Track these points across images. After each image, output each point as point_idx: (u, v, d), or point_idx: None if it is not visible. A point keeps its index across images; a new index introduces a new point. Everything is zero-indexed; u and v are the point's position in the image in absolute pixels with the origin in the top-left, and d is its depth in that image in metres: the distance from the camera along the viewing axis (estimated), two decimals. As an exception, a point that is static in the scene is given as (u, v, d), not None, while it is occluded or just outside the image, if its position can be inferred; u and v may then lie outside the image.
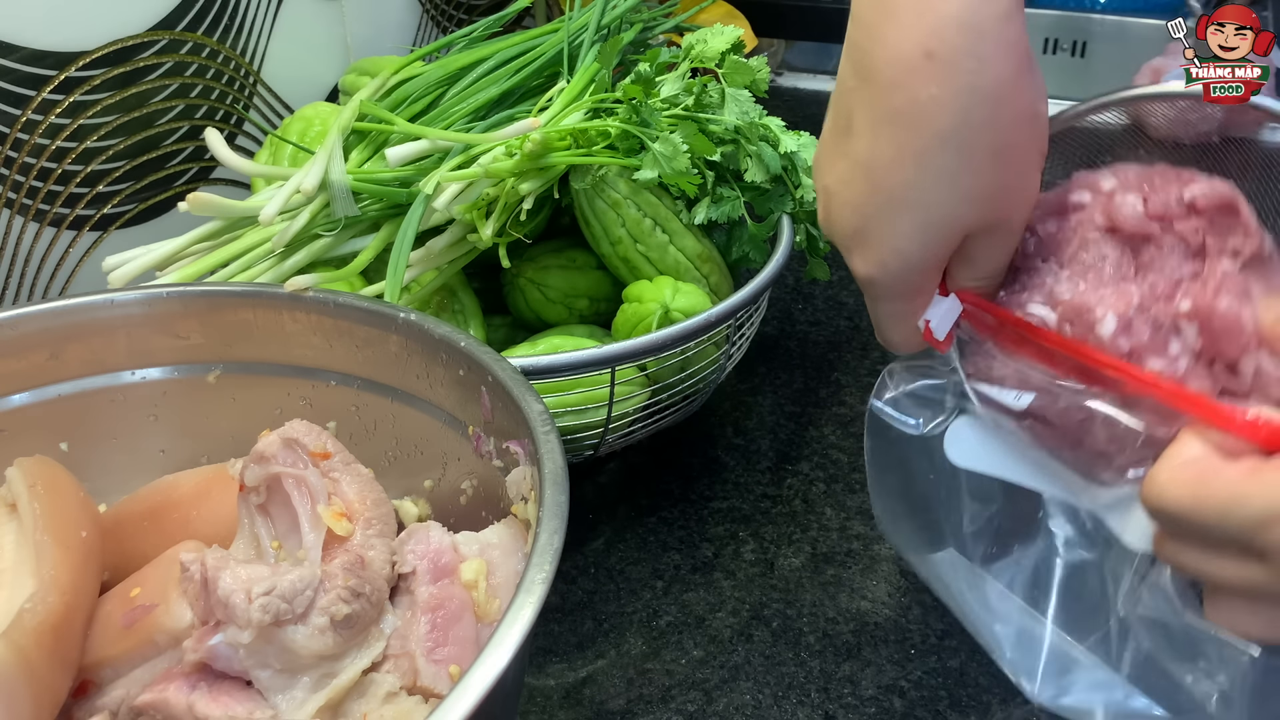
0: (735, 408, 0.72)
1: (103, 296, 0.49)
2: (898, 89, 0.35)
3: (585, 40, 0.70)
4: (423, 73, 0.70)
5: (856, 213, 0.38)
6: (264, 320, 0.50)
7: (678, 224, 0.64)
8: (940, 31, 0.34)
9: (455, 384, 0.46)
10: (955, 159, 0.35)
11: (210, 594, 0.37)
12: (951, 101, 0.34)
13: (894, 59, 0.35)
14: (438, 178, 0.58)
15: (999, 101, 0.35)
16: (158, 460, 0.51)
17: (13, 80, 0.63)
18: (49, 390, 0.49)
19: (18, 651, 0.36)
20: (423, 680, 0.39)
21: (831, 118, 0.40)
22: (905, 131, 0.36)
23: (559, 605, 0.57)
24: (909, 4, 0.35)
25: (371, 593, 0.39)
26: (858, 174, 0.38)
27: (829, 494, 0.64)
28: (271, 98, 0.83)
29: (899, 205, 0.37)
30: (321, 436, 0.44)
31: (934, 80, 0.34)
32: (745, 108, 0.64)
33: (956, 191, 0.36)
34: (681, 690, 0.52)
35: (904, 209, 0.37)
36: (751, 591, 0.57)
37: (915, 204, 0.37)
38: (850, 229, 0.39)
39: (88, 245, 0.70)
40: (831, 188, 0.40)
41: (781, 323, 0.81)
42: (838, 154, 0.39)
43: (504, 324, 0.70)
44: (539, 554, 0.34)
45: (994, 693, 0.51)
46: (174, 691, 0.38)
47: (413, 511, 0.48)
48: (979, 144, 0.35)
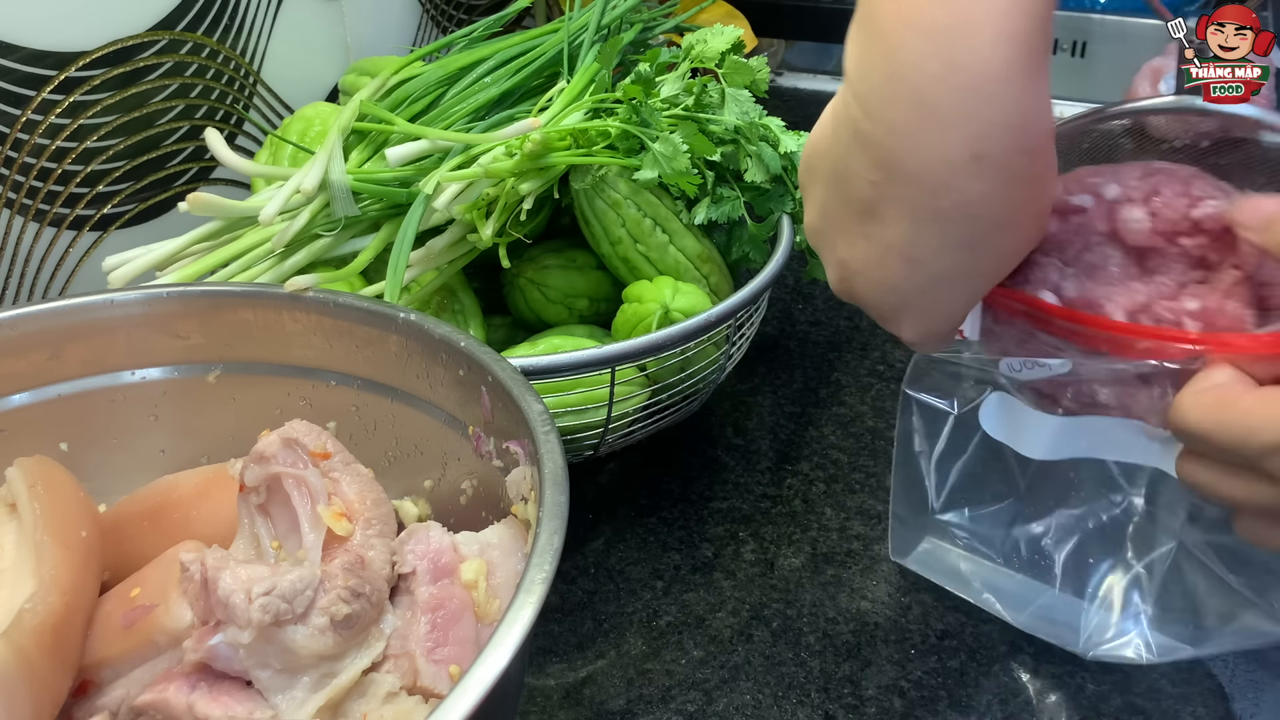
0: (735, 408, 0.72)
1: (103, 296, 0.49)
2: (944, 191, 0.33)
3: (585, 40, 0.70)
4: (423, 73, 0.70)
5: (894, 293, 0.37)
6: (264, 320, 0.50)
7: (678, 224, 0.64)
8: (988, 135, 0.32)
9: (455, 384, 0.46)
10: (1005, 238, 0.35)
11: (210, 594, 0.37)
12: (1003, 196, 0.33)
13: (937, 164, 0.33)
14: (438, 178, 0.58)
15: (1042, 180, 0.35)
16: (158, 460, 0.51)
17: (13, 80, 0.63)
18: (49, 390, 0.49)
19: (18, 651, 0.36)
20: (423, 680, 0.39)
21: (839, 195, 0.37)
22: (953, 226, 0.34)
23: (559, 605, 0.57)
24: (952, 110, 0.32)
25: (371, 593, 0.39)
26: (892, 259, 0.36)
27: (829, 494, 0.64)
28: (271, 98, 0.83)
29: (946, 283, 0.36)
30: (321, 436, 0.44)
31: (984, 179, 0.33)
32: (745, 108, 0.64)
33: (1003, 256, 0.36)
34: (681, 690, 0.52)
35: (952, 285, 0.36)
36: (751, 591, 0.57)
37: (964, 278, 0.36)
38: (889, 307, 0.38)
39: (88, 245, 0.70)
40: (853, 265, 0.38)
41: (781, 323, 0.81)
42: (857, 235, 0.37)
43: (504, 324, 0.70)
44: (539, 554, 0.34)
45: (994, 693, 0.51)
46: (174, 691, 0.38)
47: (413, 511, 0.48)
48: (1025, 217, 0.35)
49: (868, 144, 0.34)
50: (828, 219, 0.39)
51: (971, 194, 0.33)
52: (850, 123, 0.35)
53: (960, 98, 0.32)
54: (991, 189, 0.33)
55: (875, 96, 0.34)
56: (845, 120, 0.35)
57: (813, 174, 0.39)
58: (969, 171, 0.33)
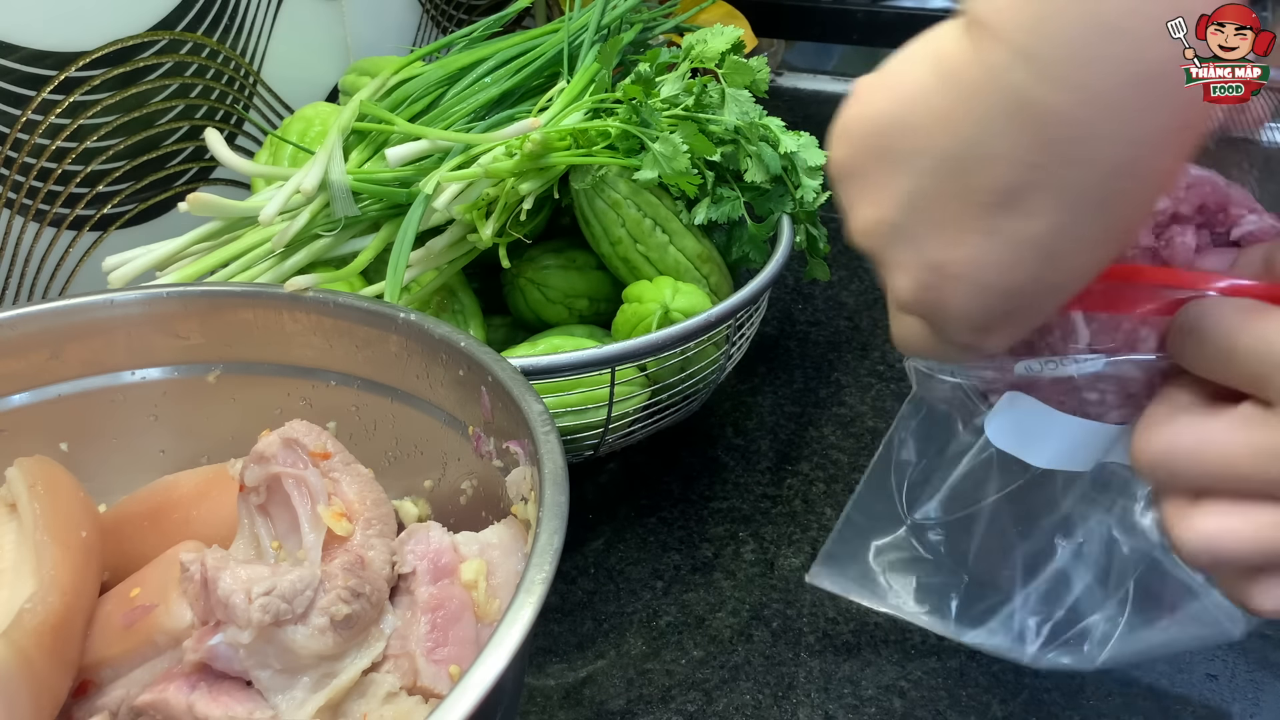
0: (735, 408, 0.72)
1: (103, 296, 0.49)
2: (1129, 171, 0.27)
3: (585, 40, 0.70)
4: (423, 73, 0.70)
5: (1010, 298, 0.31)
6: (264, 320, 0.50)
7: (678, 224, 0.64)
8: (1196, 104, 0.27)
9: (455, 384, 0.46)
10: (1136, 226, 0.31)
11: (210, 594, 0.37)
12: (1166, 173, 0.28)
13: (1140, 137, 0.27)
14: (438, 178, 0.58)
15: None
16: (158, 460, 0.51)
17: (13, 80, 0.63)
18: (49, 390, 0.49)
19: (18, 651, 0.36)
20: (423, 680, 0.39)
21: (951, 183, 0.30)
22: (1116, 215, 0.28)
23: (559, 605, 0.57)
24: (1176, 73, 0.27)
25: (371, 593, 0.39)
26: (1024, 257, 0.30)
27: (829, 494, 0.64)
28: (271, 98, 0.83)
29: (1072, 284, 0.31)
30: (321, 436, 0.44)
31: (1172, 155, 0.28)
32: (745, 108, 0.64)
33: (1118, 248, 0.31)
34: (681, 690, 0.52)
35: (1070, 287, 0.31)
36: (751, 591, 0.57)
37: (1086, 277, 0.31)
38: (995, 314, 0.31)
39: (88, 245, 0.70)
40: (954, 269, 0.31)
41: (781, 323, 0.81)
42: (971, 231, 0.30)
43: (504, 324, 0.70)
44: (539, 554, 0.34)
45: (994, 693, 0.51)
46: (174, 691, 0.38)
47: (413, 511, 0.48)
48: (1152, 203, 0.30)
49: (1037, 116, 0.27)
50: (918, 213, 0.31)
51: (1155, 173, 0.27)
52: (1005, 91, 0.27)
53: None
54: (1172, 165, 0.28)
55: (1063, 54, 0.26)
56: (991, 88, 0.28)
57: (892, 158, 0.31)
58: (1164, 146, 0.27)
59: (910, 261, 0.32)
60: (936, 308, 0.32)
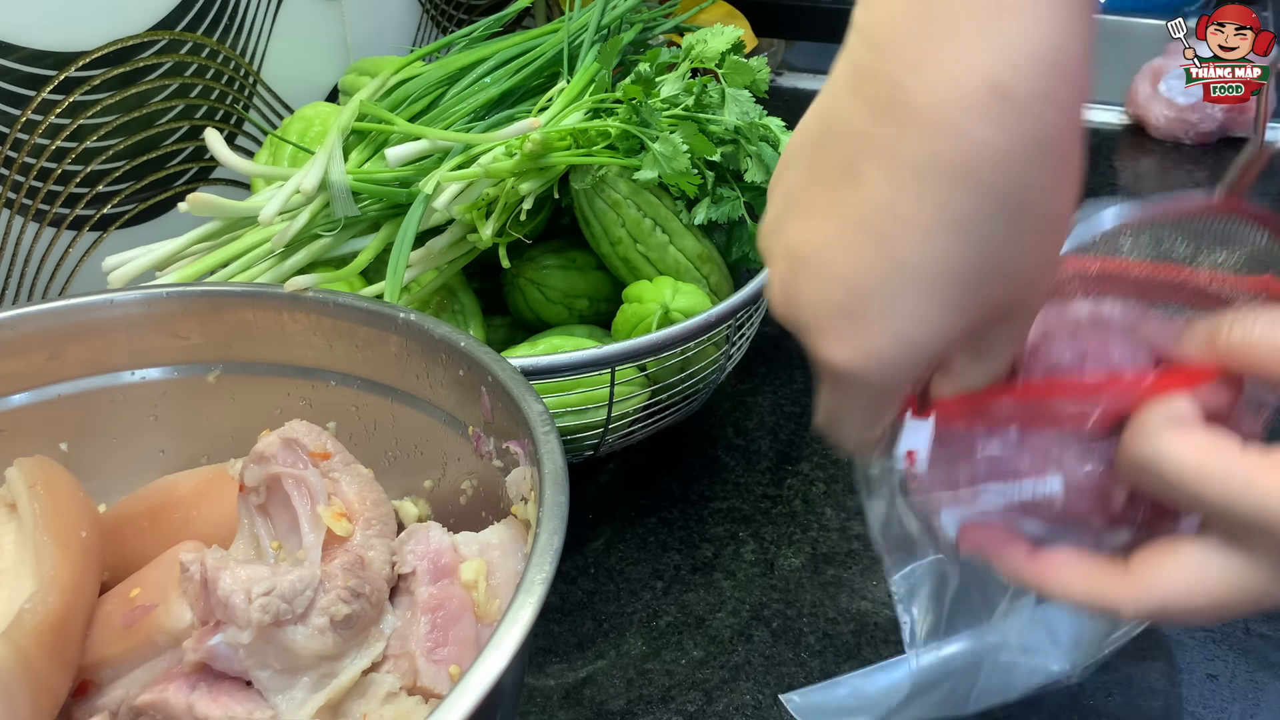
0: (735, 408, 0.72)
1: (103, 296, 0.49)
2: (948, 133, 0.27)
3: (585, 40, 0.70)
4: (423, 73, 0.70)
5: (847, 288, 0.30)
6: (264, 320, 0.50)
7: (678, 224, 0.64)
8: (1017, 64, 0.26)
9: (455, 384, 0.46)
10: (1004, 227, 0.28)
11: (210, 594, 0.37)
12: (1019, 156, 0.27)
13: (947, 93, 0.27)
14: (438, 178, 0.58)
15: (1062, 161, 0.28)
16: (158, 460, 0.51)
17: (13, 80, 0.63)
18: (49, 390, 0.49)
19: (18, 651, 0.36)
20: (423, 680, 0.39)
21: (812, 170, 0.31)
22: (949, 190, 0.28)
23: (559, 605, 0.57)
24: (972, 24, 0.27)
25: (371, 593, 0.39)
26: (860, 239, 0.29)
27: (829, 494, 0.64)
28: (271, 98, 0.83)
29: (918, 281, 0.29)
30: (321, 436, 0.44)
31: (1000, 126, 0.27)
32: (745, 108, 0.64)
33: (996, 267, 0.29)
34: (681, 690, 0.52)
35: (925, 286, 0.29)
36: (751, 591, 0.57)
37: (941, 279, 0.29)
38: (832, 306, 0.30)
39: (88, 245, 0.70)
40: (803, 253, 0.31)
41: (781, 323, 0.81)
42: (820, 215, 0.31)
43: (504, 324, 0.70)
44: (539, 554, 0.34)
45: (994, 693, 0.51)
46: (174, 691, 0.38)
47: (413, 511, 0.48)
48: (1032, 210, 0.28)
49: (865, 79, 0.29)
50: (790, 204, 0.32)
51: (980, 143, 0.27)
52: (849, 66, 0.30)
53: (984, 10, 0.27)
54: (1007, 143, 0.27)
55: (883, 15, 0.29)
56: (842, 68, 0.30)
57: (785, 165, 0.33)
58: (984, 111, 0.27)
59: (777, 256, 0.33)
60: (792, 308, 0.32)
